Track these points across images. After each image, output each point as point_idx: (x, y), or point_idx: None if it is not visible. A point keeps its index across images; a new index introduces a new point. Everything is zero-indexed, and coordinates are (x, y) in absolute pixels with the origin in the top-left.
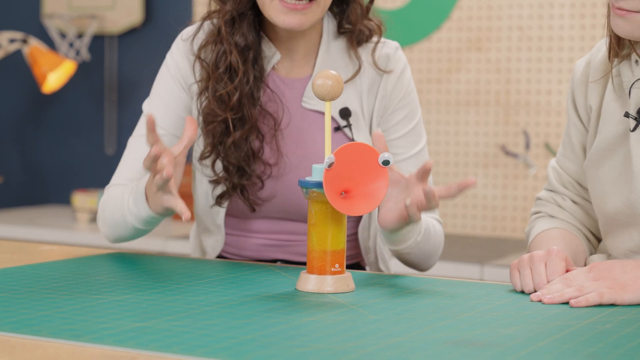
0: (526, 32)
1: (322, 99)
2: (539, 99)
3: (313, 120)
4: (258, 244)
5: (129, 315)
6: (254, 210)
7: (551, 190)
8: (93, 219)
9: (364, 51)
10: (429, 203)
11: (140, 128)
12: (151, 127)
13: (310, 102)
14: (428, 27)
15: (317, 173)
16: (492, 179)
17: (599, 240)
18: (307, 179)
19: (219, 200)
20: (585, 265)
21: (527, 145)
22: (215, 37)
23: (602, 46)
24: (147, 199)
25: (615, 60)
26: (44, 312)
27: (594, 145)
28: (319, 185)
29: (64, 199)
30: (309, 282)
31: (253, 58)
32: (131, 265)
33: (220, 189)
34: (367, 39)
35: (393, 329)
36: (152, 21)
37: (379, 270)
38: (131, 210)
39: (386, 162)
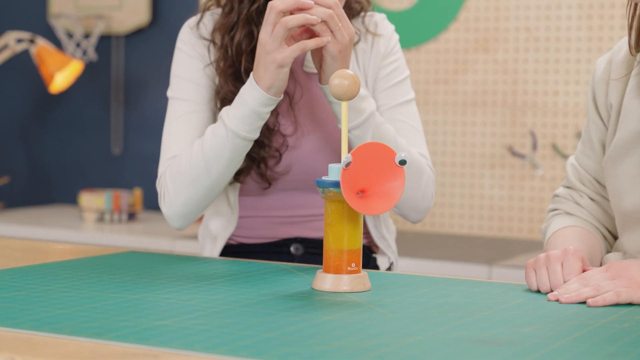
0: (533, 33)
1: (340, 98)
2: (546, 99)
3: (317, 84)
4: (272, 222)
5: (149, 314)
6: (269, 185)
7: (569, 187)
8: (100, 218)
9: (356, 22)
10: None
11: (177, 111)
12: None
13: (311, 65)
14: (435, 28)
15: (333, 172)
16: (499, 179)
17: (615, 238)
18: (324, 178)
19: (236, 176)
20: (601, 264)
21: (534, 146)
22: (232, 19)
23: (623, 45)
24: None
25: (638, 56)
26: (64, 310)
27: (613, 142)
28: (336, 184)
29: (70, 199)
30: (325, 281)
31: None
32: (145, 264)
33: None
34: (358, 13)
35: (412, 328)
36: (159, 21)
37: (382, 236)
38: (231, 115)
39: (403, 162)
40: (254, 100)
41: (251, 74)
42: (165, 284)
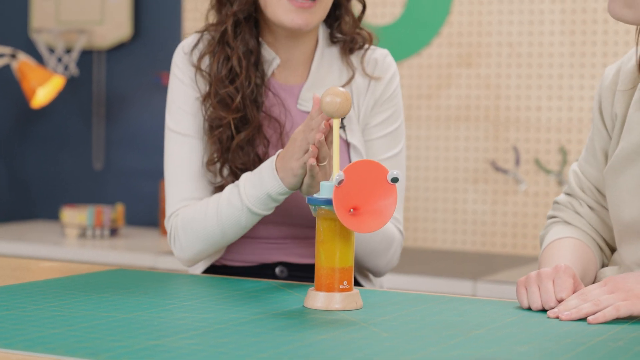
0: (516, 48)
1: (331, 116)
2: (528, 115)
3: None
4: (258, 247)
5: (142, 333)
6: None
7: (570, 195)
8: (82, 234)
9: (356, 58)
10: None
11: (180, 149)
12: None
13: (305, 104)
14: (418, 43)
15: (325, 190)
16: (482, 194)
17: (612, 249)
18: (316, 196)
19: None
20: (595, 279)
21: (517, 161)
22: (215, 46)
23: (633, 55)
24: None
25: None
26: (56, 330)
27: (615, 153)
28: (328, 202)
29: (52, 214)
30: (317, 299)
31: (254, 62)
32: (133, 282)
33: None
34: (360, 47)
35: (408, 347)
36: (141, 36)
37: (365, 274)
38: (249, 193)
39: (395, 180)
40: (273, 189)
41: (276, 160)
42: (156, 303)
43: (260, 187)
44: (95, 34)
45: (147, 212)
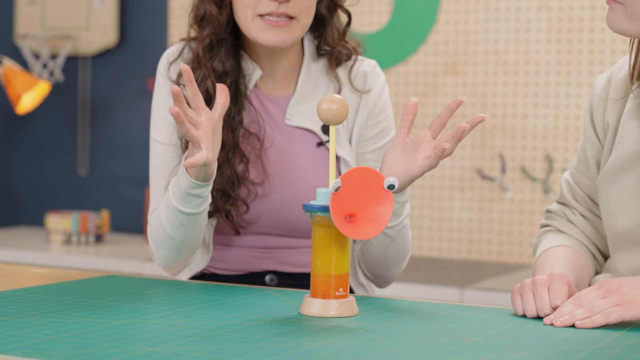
0: (503, 56)
1: (328, 123)
2: (515, 123)
3: (297, 136)
4: (247, 256)
5: (138, 340)
6: (238, 233)
7: (562, 204)
8: (67, 240)
9: (343, 71)
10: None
11: (158, 157)
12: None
13: (294, 119)
14: (405, 50)
15: (321, 197)
16: (468, 202)
17: (605, 257)
18: (312, 202)
19: (209, 216)
20: (589, 286)
21: (503, 169)
22: (194, 63)
23: (624, 64)
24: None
25: (636, 83)
26: (51, 336)
27: (608, 162)
28: (324, 209)
29: (37, 221)
30: (313, 306)
31: (230, 83)
32: (126, 288)
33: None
34: (346, 59)
35: (406, 354)
36: (127, 42)
37: (359, 283)
38: (174, 192)
39: (391, 187)
40: (185, 184)
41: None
42: (150, 309)
43: (178, 185)
44: (80, 40)
45: (133, 219)
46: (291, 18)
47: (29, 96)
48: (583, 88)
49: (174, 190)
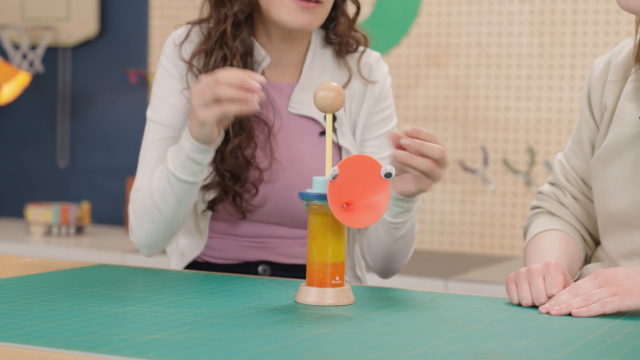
0: (485, 49)
1: (324, 111)
2: (497, 115)
3: (299, 124)
4: (241, 246)
5: (138, 327)
6: (244, 217)
7: (554, 185)
8: (47, 232)
9: (350, 61)
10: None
11: (151, 135)
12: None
13: (297, 106)
14: (387, 43)
15: (317, 185)
16: (450, 194)
17: (595, 240)
18: (308, 191)
19: (211, 205)
20: (579, 275)
21: (486, 161)
22: (211, 44)
23: (624, 46)
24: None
25: (637, 65)
26: (49, 323)
27: (603, 144)
28: (320, 197)
29: (16, 212)
30: (309, 294)
31: (250, 64)
32: (120, 277)
33: (212, 194)
34: (354, 49)
35: (408, 342)
36: (107, 33)
37: (356, 276)
38: (173, 158)
39: (388, 175)
40: (187, 147)
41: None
42: (146, 297)
43: (179, 150)
44: (60, 31)
45: (113, 211)
46: (318, 2)
47: (9, 87)
48: (565, 81)
49: (174, 156)
